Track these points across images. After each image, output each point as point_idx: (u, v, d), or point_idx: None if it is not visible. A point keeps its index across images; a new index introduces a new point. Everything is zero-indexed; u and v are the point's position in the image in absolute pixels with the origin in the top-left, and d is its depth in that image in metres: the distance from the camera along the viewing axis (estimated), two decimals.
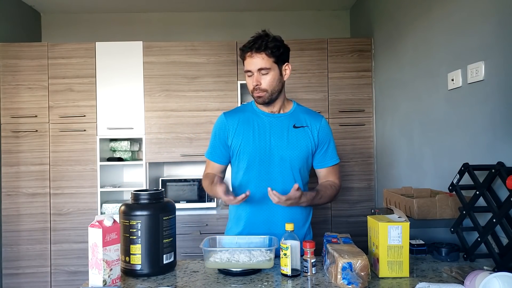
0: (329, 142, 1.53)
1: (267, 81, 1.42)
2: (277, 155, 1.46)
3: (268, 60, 1.40)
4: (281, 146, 1.46)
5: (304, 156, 1.48)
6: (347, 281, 1.06)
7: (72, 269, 2.86)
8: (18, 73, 2.90)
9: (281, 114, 1.51)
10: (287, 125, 1.49)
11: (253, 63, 1.41)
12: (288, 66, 1.48)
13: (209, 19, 3.57)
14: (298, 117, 1.51)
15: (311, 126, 1.50)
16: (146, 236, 1.19)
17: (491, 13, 1.60)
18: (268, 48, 1.40)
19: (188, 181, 2.96)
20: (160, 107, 2.96)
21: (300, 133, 1.48)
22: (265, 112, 1.51)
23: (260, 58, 1.40)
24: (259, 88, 1.42)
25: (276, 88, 1.44)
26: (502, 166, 1.31)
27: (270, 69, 1.41)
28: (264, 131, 1.48)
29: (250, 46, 1.41)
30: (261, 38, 1.41)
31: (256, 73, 1.41)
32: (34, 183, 2.89)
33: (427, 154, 2.17)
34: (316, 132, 1.49)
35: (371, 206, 2.95)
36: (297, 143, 1.47)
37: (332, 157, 1.54)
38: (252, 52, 1.41)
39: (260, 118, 1.51)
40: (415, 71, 2.31)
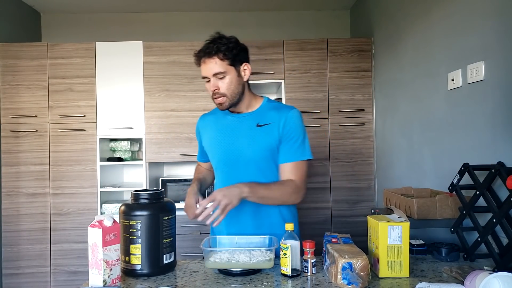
0: (297, 136, 1.42)
1: (224, 86, 1.37)
2: (242, 156, 1.42)
3: (221, 63, 1.36)
4: (244, 146, 1.42)
5: (268, 155, 1.41)
6: (347, 281, 1.06)
7: (72, 269, 2.86)
8: (18, 73, 2.90)
9: (246, 114, 1.47)
10: (251, 125, 1.44)
11: (207, 69, 1.37)
12: (247, 66, 1.43)
13: (209, 19, 3.57)
14: (264, 114, 1.45)
15: (276, 122, 1.42)
16: (146, 236, 1.19)
17: (491, 13, 1.60)
18: (220, 51, 1.35)
19: (188, 181, 2.96)
20: (160, 107, 2.96)
21: (264, 131, 1.42)
22: (230, 113, 1.49)
23: (213, 63, 1.36)
24: (217, 92, 1.38)
25: (236, 90, 1.40)
26: (502, 166, 1.31)
27: (225, 73, 1.37)
28: (229, 132, 1.46)
29: (202, 52, 1.37)
30: (213, 42, 1.37)
31: (212, 79, 1.37)
32: (34, 183, 2.89)
33: (427, 154, 2.17)
34: (281, 126, 1.41)
35: (371, 206, 2.95)
36: (260, 142, 1.41)
37: (296, 153, 1.41)
38: (205, 58, 1.37)
39: (226, 119, 1.49)
40: (415, 71, 2.31)
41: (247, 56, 1.45)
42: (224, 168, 1.47)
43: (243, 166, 1.43)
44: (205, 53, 1.37)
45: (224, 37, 1.40)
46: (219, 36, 1.40)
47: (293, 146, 1.42)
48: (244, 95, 1.45)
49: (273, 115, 1.44)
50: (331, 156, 2.98)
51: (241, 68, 1.42)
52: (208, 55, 1.36)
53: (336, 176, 2.98)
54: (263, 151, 1.41)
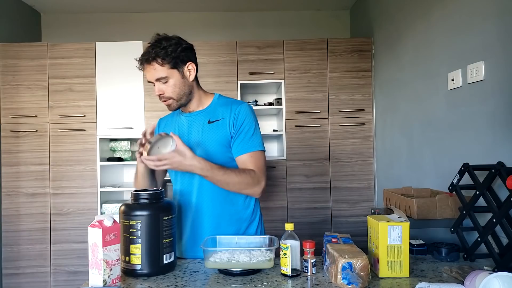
0: (247, 128, 1.41)
1: (169, 89, 1.38)
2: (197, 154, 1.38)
3: (162, 68, 1.34)
4: (197, 143, 1.42)
5: (222, 150, 1.41)
6: (347, 281, 1.06)
7: (72, 269, 2.86)
8: (18, 73, 2.90)
9: (197, 112, 1.47)
10: (202, 122, 1.44)
11: (149, 75, 1.37)
12: (191, 65, 1.42)
13: (209, 19, 3.57)
14: (214, 111, 1.45)
15: (225, 118, 1.42)
16: (146, 236, 1.19)
17: (491, 13, 1.60)
18: (158, 56, 1.33)
19: None
20: (160, 107, 2.95)
21: (215, 128, 1.41)
22: (183, 113, 1.50)
23: (152, 69, 1.35)
24: (163, 96, 1.39)
25: (182, 92, 1.40)
26: (502, 166, 1.31)
27: (167, 77, 1.36)
28: (183, 131, 1.47)
29: (141, 58, 1.37)
30: (152, 47, 1.34)
31: (156, 83, 1.37)
32: (34, 183, 2.89)
33: (427, 154, 2.17)
34: (231, 121, 1.41)
35: (371, 206, 2.95)
36: (213, 138, 1.41)
37: (249, 143, 1.40)
38: (145, 64, 1.36)
39: (179, 119, 1.51)
40: (415, 71, 2.31)
41: (191, 54, 1.44)
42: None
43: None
44: (144, 59, 1.36)
45: (164, 39, 1.37)
46: (158, 39, 1.37)
47: (245, 138, 1.41)
48: (193, 94, 1.45)
49: (223, 110, 1.44)
50: (331, 156, 2.98)
51: (185, 69, 1.40)
52: (147, 62, 1.35)
53: (336, 176, 2.98)
54: (215, 147, 1.41)
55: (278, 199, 2.96)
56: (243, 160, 1.41)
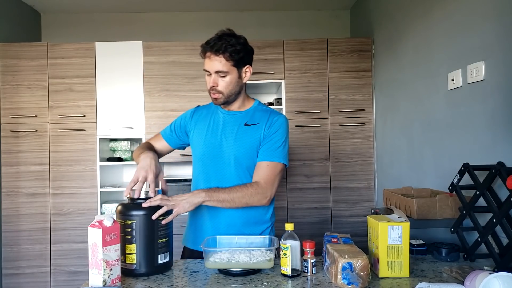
0: (277, 138, 1.42)
1: (223, 84, 1.39)
2: (225, 153, 1.43)
3: (226, 63, 1.36)
4: (229, 143, 1.44)
5: (251, 154, 1.43)
6: (347, 281, 1.06)
7: (72, 269, 2.86)
8: (18, 73, 2.90)
9: (236, 112, 1.49)
10: (239, 123, 1.46)
11: (211, 65, 1.37)
12: (249, 68, 1.45)
13: (209, 19, 3.57)
14: (253, 115, 1.48)
15: (262, 123, 1.44)
16: (141, 236, 1.20)
17: (491, 13, 1.60)
18: (227, 51, 1.35)
19: (188, 181, 2.96)
20: (160, 107, 2.96)
21: (250, 131, 1.44)
22: (223, 110, 1.51)
23: (218, 61, 1.36)
24: (215, 89, 1.40)
25: (233, 91, 1.42)
26: (502, 166, 1.31)
27: (227, 73, 1.37)
28: (217, 128, 1.48)
29: (209, 46, 1.37)
30: (222, 39, 1.36)
31: (213, 75, 1.38)
32: (34, 183, 2.89)
33: (427, 154, 2.17)
34: (265, 128, 1.43)
35: (371, 206, 2.95)
36: (245, 140, 1.43)
37: (274, 153, 1.41)
38: (211, 53, 1.36)
39: (217, 115, 1.52)
40: (415, 71, 2.31)
41: (251, 58, 1.48)
42: (206, 162, 1.47)
43: (224, 162, 1.44)
44: (212, 49, 1.36)
45: (234, 36, 1.40)
46: (229, 34, 1.39)
47: (272, 147, 1.42)
48: (240, 95, 1.48)
49: (261, 116, 1.47)
50: (331, 156, 2.98)
51: (243, 70, 1.43)
52: (215, 52, 1.36)
53: (336, 176, 2.98)
54: (246, 149, 1.43)
55: (278, 199, 2.96)
56: (259, 166, 1.42)
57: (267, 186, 1.40)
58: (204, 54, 1.40)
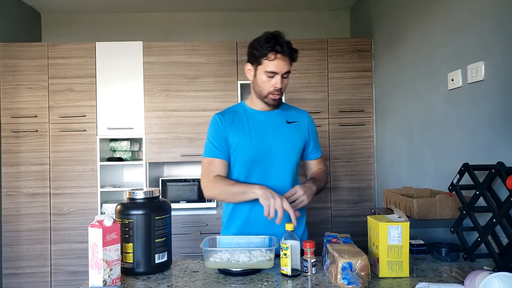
0: (316, 135, 1.62)
1: (285, 84, 1.47)
2: (275, 151, 1.48)
3: (290, 64, 1.45)
4: (278, 142, 1.49)
5: (299, 150, 1.54)
6: (347, 281, 1.06)
7: (72, 269, 2.86)
8: (18, 73, 2.90)
9: (272, 111, 1.54)
10: (281, 121, 1.53)
11: (281, 66, 1.41)
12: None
13: (209, 19, 3.57)
14: (288, 113, 1.57)
15: (301, 121, 1.56)
16: (138, 235, 1.20)
17: (491, 13, 1.60)
18: (293, 54, 1.44)
19: (188, 181, 2.96)
20: (160, 107, 2.96)
21: (294, 128, 1.53)
22: (258, 111, 1.53)
23: (288, 63, 1.43)
24: (280, 90, 1.44)
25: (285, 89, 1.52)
26: (502, 166, 1.31)
27: (289, 74, 1.46)
28: (260, 129, 1.49)
29: (283, 48, 1.40)
30: (287, 43, 1.42)
31: (279, 76, 1.42)
32: (34, 183, 2.89)
33: (427, 154, 2.17)
34: (306, 127, 1.57)
35: (371, 206, 2.95)
36: (292, 137, 1.52)
37: (319, 148, 1.64)
38: (283, 55, 1.41)
39: (254, 117, 1.52)
40: (415, 71, 2.31)
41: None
42: (256, 164, 1.47)
43: (276, 161, 1.48)
44: (286, 52, 1.41)
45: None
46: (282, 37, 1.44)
47: (316, 144, 1.62)
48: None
49: (296, 114, 1.58)
50: (331, 156, 2.98)
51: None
52: (289, 55, 1.42)
53: (336, 176, 2.98)
54: (295, 146, 1.52)
55: None
56: (316, 162, 1.63)
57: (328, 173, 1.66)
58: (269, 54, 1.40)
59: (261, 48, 1.42)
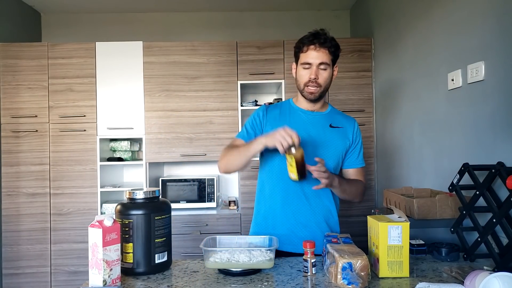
0: (360, 145, 1.56)
1: (324, 77, 1.45)
2: (313, 153, 1.43)
3: (328, 57, 1.44)
4: (317, 143, 1.47)
5: (338, 155, 1.50)
6: (347, 281, 1.06)
7: (72, 269, 2.86)
8: (18, 73, 2.90)
9: (318, 113, 1.53)
10: (324, 124, 1.51)
11: (316, 56, 1.42)
12: (336, 68, 1.52)
13: (209, 19, 3.57)
14: (334, 117, 1.55)
15: (346, 128, 1.53)
16: (138, 235, 1.20)
17: (491, 13, 1.60)
18: (332, 45, 1.44)
19: (188, 181, 2.96)
20: (160, 107, 2.96)
21: (336, 133, 1.51)
22: (302, 109, 1.53)
23: (324, 53, 1.43)
24: (316, 81, 1.44)
25: (328, 86, 1.48)
26: (502, 166, 1.31)
27: (328, 66, 1.45)
28: (301, 127, 1.47)
29: (314, 40, 1.43)
30: (324, 35, 1.44)
31: (315, 67, 1.43)
32: (34, 183, 2.89)
33: (427, 154, 2.17)
34: (351, 133, 1.53)
35: (371, 206, 2.95)
36: (333, 142, 1.49)
37: (361, 159, 1.57)
38: (317, 46, 1.42)
39: (297, 114, 1.52)
40: (415, 71, 2.31)
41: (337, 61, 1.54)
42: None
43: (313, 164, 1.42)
44: (320, 42, 1.42)
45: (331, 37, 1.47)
46: (325, 33, 1.46)
47: (360, 154, 1.56)
48: (326, 94, 1.54)
49: (342, 120, 1.55)
50: None
51: (334, 68, 1.51)
52: (322, 44, 1.43)
53: None
54: (336, 151, 1.49)
55: None
56: (355, 172, 1.55)
57: (366, 187, 1.57)
58: (304, 47, 1.45)
59: (299, 44, 1.48)
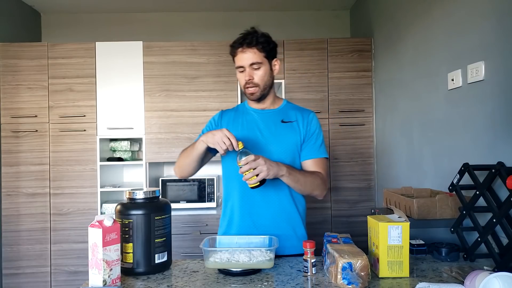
0: (317, 136, 1.51)
1: (259, 76, 1.44)
2: (266, 150, 1.45)
3: (259, 54, 1.42)
4: (269, 141, 1.47)
5: (292, 150, 1.48)
6: (347, 281, 1.06)
7: (72, 269, 2.86)
8: (18, 73, 2.90)
9: (269, 110, 1.54)
10: (275, 120, 1.51)
11: (245, 58, 1.42)
12: (277, 61, 1.50)
13: (209, 19, 3.57)
14: (287, 112, 1.53)
15: (299, 121, 1.51)
16: (138, 235, 1.20)
17: (491, 13, 1.60)
18: (259, 43, 1.41)
19: (188, 181, 2.96)
20: (160, 107, 2.96)
21: (288, 128, 1.49)
22: (254, 109, 1.54)
23: (252, 53, 1.41)
24: (251, 82, 1.44)
25: (267, 83, 1.47)
26: (502, 166, 1.31)
27: (261, 64, 1.43)
28: (253, 127, 1.50)
29: (241, 41, 1.42)
30: (251, 34, 1.43)
31: (248, 68, 1.43)
32: (34, 183, 2.89)
33: (427, 154, 2.17)
34: (304, 125, 1.50)
35: (371, 206, 2.95)
36: (284, 137, 1.48)
37: (319, 150, 1.50)
38: (244, 47, 1.42)
39: (249, 115, 1.54)
40: (415, 71, 2.31)
41: (276, 52, 1.52)
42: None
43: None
44: (246, 43, 1.41)
45: (260, 31, 1.46)
46: (255, 31, 1.45)
47: (315, 144, 1.50)
48: (271, 89, 1.52)
49: (295, 114, 1.53)
50: (331, 156, 2.98)
51: (273, 62, 1.49)
52: (248, 45, 1.41)
53: (336, 176, 2.98)
54: (289, 146, 1.48)
55: None
56: (312, 164, 1.49)
57: (327, 180, 1.50)
58: (235, 51, 1.44)
59: (230, 49, 1.47)
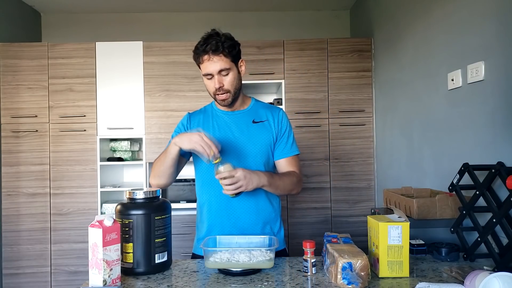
0: (288, 133, 1.51)
1: (228, 82, 1.40)
2: (240, 152, 1.44)
3: (226, 60, 1.38)
4: (242, 142, 1.45)
5: (266, 150, 1.47)
6: (347, 281, 1.06)
7: (72, 269, 2.86)
8: (18, 73, 2.90)
9: (239, 111, 1.51)
10: (247, 121, 1.49)
11: (213, 66, 1.37)
12: (243, 62, 1.47)
13: (209, 19, 3.57)
14: (257, 112, 1.52)
15: (269, 120, 1.50)
16: (138, 235, 1.20)
17: (491, 13, 1.60)
18: (225, 48, 1.36)
19: (188, 181, 2.96)
20: (160, 107, 2.96)
21: (260, 128, 1.48)
22: (223, 111, 1.51)
23: (219, 59, 1.36)
24: (222, 89, 1.39)
25: (238, 86, 1.44)
26: (502, 166, 1.31)
27: (229, 69, 1.39)
28: (225, 129, 1.48)
29: (206, 48, 1.36)
30: (215, 39, 1.36)
31: (216, 75, 1.38)
32: (34, 183, 2.89)
33: (427, 154, 2.17)
34: (275, 124, 1.49)
35: (371, 206, 2.95)
36: (258, 138, 1.47)
37: (291, 148, 1.51)
38: (210, 55, 1.36)
39: (219, 117, 1.51)
40: (415, 71, 2.31)
41: (241, 52, 1.48)
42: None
43: (243, 163, 1.43)
44: (211, 50, 1.36)
45: (222, 34, 1.41)
46: (216, 33, 1.40)
47: (288, 143, 1.51)
48: (240, 91, 1.50)
49: (266, 113, 1.52)
50: (331, 156, 2.98)
51: (239, 64, 1.46)
52: (214, 52, 1.36)
53: (336, 176, 2.98)
54: (263, 146, 1.47)
55: None
56: (286, 163, 1.50)
57: (301, 177, 1.52)
58: (200, 58, 1.39)
59: (194, 55, 1.41)
